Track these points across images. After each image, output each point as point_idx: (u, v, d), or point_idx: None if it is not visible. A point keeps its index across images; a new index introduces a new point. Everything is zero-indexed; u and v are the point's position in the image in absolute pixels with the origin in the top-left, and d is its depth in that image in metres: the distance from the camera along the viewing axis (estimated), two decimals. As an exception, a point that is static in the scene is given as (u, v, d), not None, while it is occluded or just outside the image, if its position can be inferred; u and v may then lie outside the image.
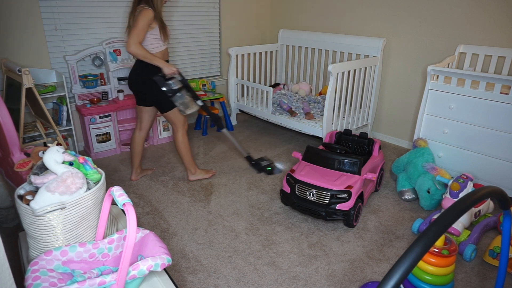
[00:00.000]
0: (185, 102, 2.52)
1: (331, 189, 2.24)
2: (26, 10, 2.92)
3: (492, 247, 2.03)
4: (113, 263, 1.16)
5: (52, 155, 1.15)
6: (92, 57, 3.32)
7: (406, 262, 0.74)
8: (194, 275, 1.94)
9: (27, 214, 1.09)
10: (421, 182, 2.52)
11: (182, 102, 2.51)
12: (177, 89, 2.48)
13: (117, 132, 3.36)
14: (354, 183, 2.29)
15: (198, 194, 2.73)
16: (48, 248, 1.12)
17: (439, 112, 2.73)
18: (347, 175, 2.35)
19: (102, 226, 1.16)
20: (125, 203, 0.96)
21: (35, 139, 2.96)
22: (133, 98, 3.44)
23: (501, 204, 1.10)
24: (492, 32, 2.83)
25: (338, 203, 2.24)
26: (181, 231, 2.31)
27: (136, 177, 2.92)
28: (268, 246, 2.17)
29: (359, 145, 2.82)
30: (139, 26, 2.32)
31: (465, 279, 1.94)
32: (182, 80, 2.53)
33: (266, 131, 3.98)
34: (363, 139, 2.79)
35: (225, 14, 4.12)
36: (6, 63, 2.75)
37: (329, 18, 3.92)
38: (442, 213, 0.84)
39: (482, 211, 2.34)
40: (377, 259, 2.08)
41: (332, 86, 3.02)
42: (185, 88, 2.54)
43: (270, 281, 1.91)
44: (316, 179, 2.31)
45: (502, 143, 2.46)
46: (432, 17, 3.12)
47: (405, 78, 3.45)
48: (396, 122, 3.64)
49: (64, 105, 3.03)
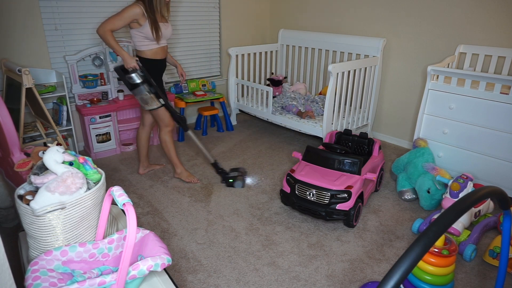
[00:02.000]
0: (143, 97, 2.51)
1: (331, 189, 2.24)
2: (26, 10, 2.92)
3: (492, 247, 2.03)
4: (113, 263, 1.16)
5: (52, 155, 1.15)
6: (92, 57, 3.32)
7: (406, 262, 0.74)
8: (194, 275, 1.94)
9: (27, 214, 1.09)
10: (421, 182, 2.52)
11: (141, 97, 2.51)
12: (136, 83, 2.47)
13: (117, 132, 3.36)
14: (354, 183, 2.28)
15: (198, 194, 2.73)
16: (48, 248, 1.12)
17: (439, 112, 2.73)
18: (347, 175, 2.35)
19: (102, 226, 1.16)
20: (125, 203, 0.96)
21: (35, 139, 2.96)
22: (133, 98, 3.44)
23: (501, 204, 1.10)
24: (492, 32, 2.83)
25: (338, 203, 2.23)
26: (181, 231, 2.30)
27: (143, 171, 2.98)
28: (268, 246, 2.17)
29: (359, 145, 2.81)
30: (118, 15, 2.33)
31: (465, 279, 1.94)
32: (144, 75, 2.49)
33: (266, 131, 3.98)
34: (363, 139, 2.79)
35: (225, 14, 4.12)
36: (6, 63, 2.75)
37: (329, 18, 3.92)
38: (442, 213, 0.84)
39: (482, 211, 2.34)
40: (377, 259, 2.08)
41: (332, 86, 3.02)
42: (147, 84, 2.50)
43: (270, 281, 1.91)
44: (316, 179, 2.31)
45: (502, 143, 2.46)
46: (432, 17, 3.12)
47: (405, 78, 3.45)
48: (396, 122, 3.64)
49: (64, 105, 3.03)
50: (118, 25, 2.35)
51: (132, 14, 2.35)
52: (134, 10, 2.34)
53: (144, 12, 2.38)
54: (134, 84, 2.47)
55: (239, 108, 4.10)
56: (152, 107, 2.55)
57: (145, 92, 2.50)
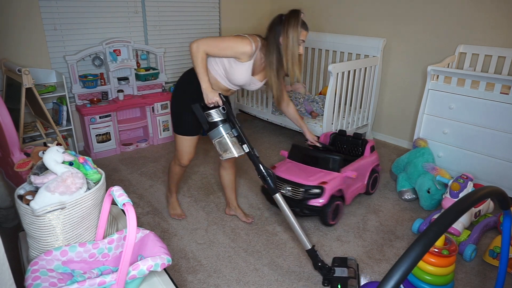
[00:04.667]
0: (222, 142, 1.92)
1: (304, 185, 2.23)
2: (26, 10, 2.92)
3: (492, 247, 2.03)
4: (113, 263, 1.16)
5: (52, 155, 1.15)
6: (92, 57, 3.32)
7: (406, 262, 0.74)
8: (194, 275, 1.94)
9: (27, 214, 1.09)
10: (421, 182, 2.52)
11: (219, 140, 1.92)
12: (214, 121, 1.91)
13: (117, 132, 3.36)
14: (330, 179, 2.26)
15: (198, 194, 2.73)
16: (48, 248, 1.12)
17: (439, 112, 2.73)
18: (326, 172, 2.33)
19: (102, 226, 1.16)
20: (125, 203, 0.96)
21: (35, 139, 2.96)
22: (133, 98, 3.44)
23: (501, 204, 1.10)
24: (492, 32, 2.83)
25: (311, 199, 2.22)
26: (181, 231, 2.30)
27: (229, 212, 2.47)
28: (268, 246, 2.17)
29: (353, 146, 2.76)
30: (221, 39, 1.88)
31: (465, 279, 1.94)
32: (227, 113, 1.91)
33: (266, 131, 3.98)
34: (357, 139, 2.72)
35: (225, 14, 4.12)
36: (6, 63, 2.75)
37: (329, 18, 3.91)
38: (442, 213, 0.84)
39: (482, 211, 2.34)
40: (377, 259, 2.08)
41: (332, 86, 3.02)
42: (229, 123, 1.92)
43: (270, 281, 1.91)
44: (293, 175, 2.30)
45: (502, 143, 2.46)
46: (432, 17, 3.12)
47: (405, 78, 3.45)
48: (396, 122, 3.64)
49: (64, 105, 3.03)
50: (214, 50, 1.88)
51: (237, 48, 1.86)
52: (243, 45, 1.85)
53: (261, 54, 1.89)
54: (212, 123, 1.91)
55: (239, 108, 4.09)
56: (231, 155, 1.92)
57: (225, 134, 1.91)
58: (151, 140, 3.62)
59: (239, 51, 1.85)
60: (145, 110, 3.51)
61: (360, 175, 2.52)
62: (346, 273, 1.85)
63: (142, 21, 3.55)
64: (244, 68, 1.91)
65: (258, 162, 1.92)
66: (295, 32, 1.85)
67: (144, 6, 3.51)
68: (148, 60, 3.71)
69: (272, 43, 1.88)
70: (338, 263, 1.93)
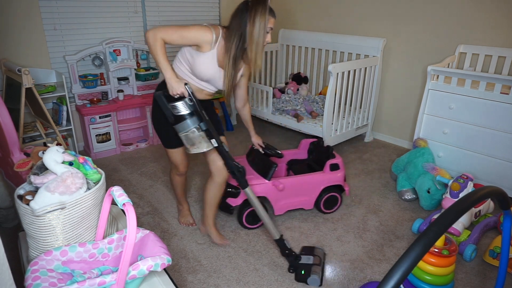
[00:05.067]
0: (189, 136, 1.78)
1: (228, 183, 2.26)
2: (26, 10, 2.92)
3: (492, 247, 2.03)
4: (113, 263, 1.16)
5: (52, 155, 1.15)
6: (92, 57, 3.32)
7: (406, 262, 0.74)
8: (194, 275, 1.94)
9: (27, 214, 1.09)
10: (421, 182, 2.52)
11: (186, 135, 1.78)
12: (181, 115, 1.75)
13: (117, 132, 3.36)
14: (253, 184, 2.21)
15: (198, 194, 2.73)
16: (48, 248, 1.12)
17: (439, 112, 2.73)
18: (256, 176, 2.31)
19: (102, 226, 1.16)
20: (125, 203, 0.96)
21: (35, 139, 2.96)
22: (133, 98, 3.44)
23: (501, 204, 1.10)
24: (492, 32, 2.83)
25: (229, 197, 2.29)
26: (181, 231, 2.30)
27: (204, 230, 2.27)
28: (268, 246, 2.17)
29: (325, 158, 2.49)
30: (180, 27, 1.76)
31: (465, 279, 1.94)
32: (194, 105, 1.76)
33: (266, 131, 3.98)
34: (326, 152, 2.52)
35: (225, 14, 4.12)
36: (6, 63, 2.75)
37: (329, 18, 3.91)
38: (442, 213, 0.84)
39: (482, 211, 2.34)
40: (377, 259, 2.08)
41: (332, 86, 3.02)
42: (197, 117, 1.77)
43: (270, 281, 1.91)
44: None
45: (502, 143, 2.46)
46: (432, 17, 3.12)
47: (405, 78, 3.45)
48: (396, 122, 3.64)
49: (64, 105, 3.03)
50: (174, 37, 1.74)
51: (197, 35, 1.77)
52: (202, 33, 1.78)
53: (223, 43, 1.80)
54: (178, 116, 1.76)
55: (239, 108, 4.09)
56: (200, 150, 1.81)
57: (192, 128, 1.77)
58: (151, 140, 3.62)
59: (199, 38, 1.76)
60: (145, 110, 3.51)
61: (304, 190, 2.38)
62: (311, 260, 1.95)
63: (142, 21, 3.55)
64: (207, 59, 1.81)
65: (228, 157, 1.89)
66: (262, 19, 1.75)
67: (144, 6, 3.51)
68: (148, 60, 3.71)
69: (234, 30, 1.80)
70: (306, 252, 2.02)
